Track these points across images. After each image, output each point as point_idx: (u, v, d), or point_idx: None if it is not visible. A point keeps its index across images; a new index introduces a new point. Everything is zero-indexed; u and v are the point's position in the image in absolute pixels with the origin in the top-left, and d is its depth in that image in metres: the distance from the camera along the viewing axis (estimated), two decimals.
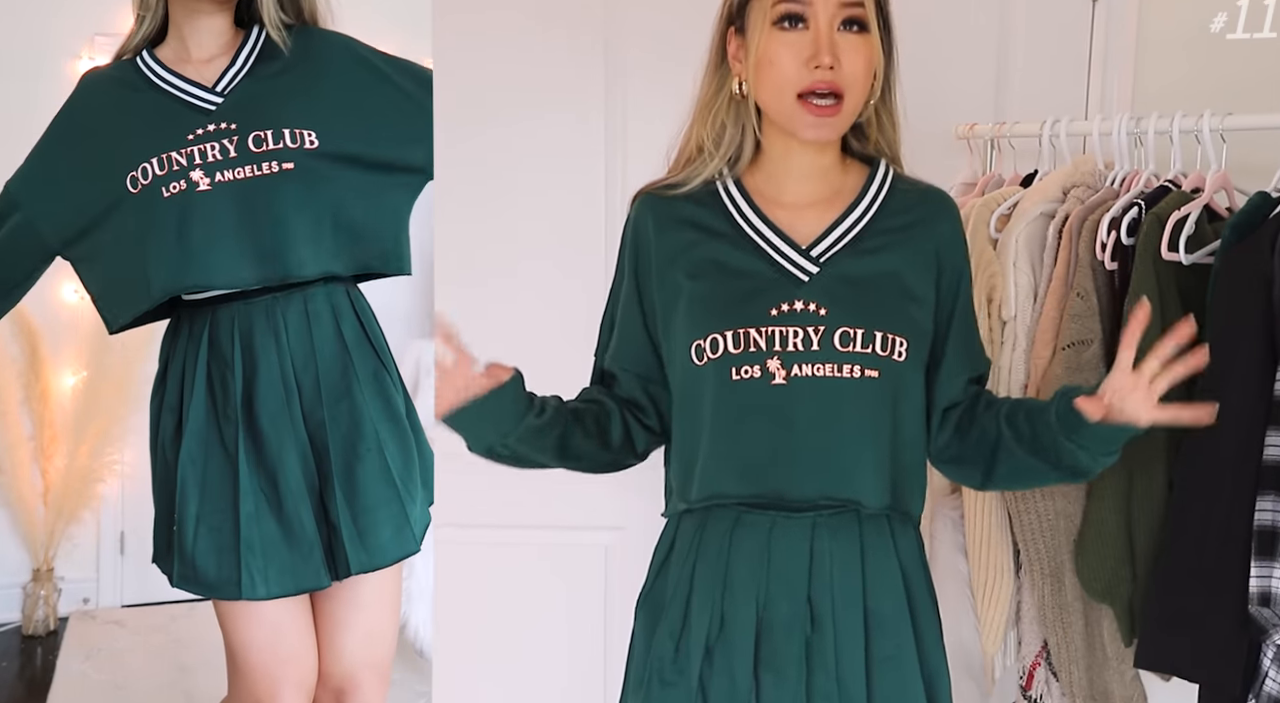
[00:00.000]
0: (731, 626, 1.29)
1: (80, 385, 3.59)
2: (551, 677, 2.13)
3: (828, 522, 1.29)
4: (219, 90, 1.71)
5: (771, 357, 1.25)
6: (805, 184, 1.34)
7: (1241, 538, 1.40)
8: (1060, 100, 2.03)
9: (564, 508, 2.08)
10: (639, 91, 2.02)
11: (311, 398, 1.71)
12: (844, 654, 1.28)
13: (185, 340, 1.72)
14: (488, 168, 2.05)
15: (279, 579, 1.68)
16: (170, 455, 1.72)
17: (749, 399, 1.26)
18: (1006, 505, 1.70)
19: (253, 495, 1.67)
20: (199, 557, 1.68)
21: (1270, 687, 1.38)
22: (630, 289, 1.38)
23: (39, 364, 3.52)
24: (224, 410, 1.69)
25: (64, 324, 3.64)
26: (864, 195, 1.33)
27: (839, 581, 1.29)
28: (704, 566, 1.32)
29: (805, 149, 1.32)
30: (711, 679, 1.29)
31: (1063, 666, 1.68)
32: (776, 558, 1.29)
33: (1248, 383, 1.41)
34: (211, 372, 1.70)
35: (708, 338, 1.27)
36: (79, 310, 3.65)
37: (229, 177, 1.65)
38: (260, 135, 1.67)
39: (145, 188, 1.66)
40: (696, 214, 1.34)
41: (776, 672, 1.28)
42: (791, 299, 1.27)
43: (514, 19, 2.04)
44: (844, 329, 1.26)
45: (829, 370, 1.25)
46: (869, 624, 1.30)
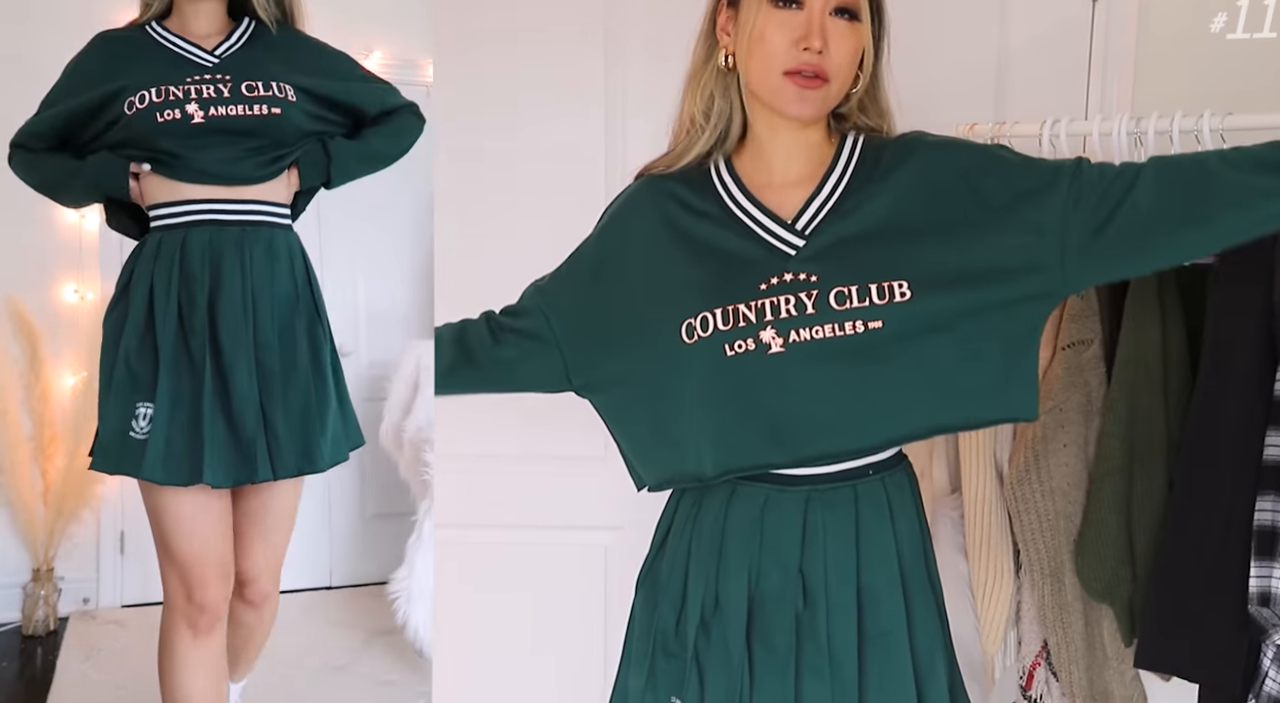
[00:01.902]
0: (725, 599, 1.30)
1: (80, 385, 3.58)
2: (551, 677, 2.13)
3: (823, 496, 1.29)
4: (216, 53, 2.00)
5: (764, 327, 1.25)
6: (791, 162, 1.34)
7: (1241, 538, 1.40)
8: (1060, 100, 2.04)
9: (564, 508, 2.08)
10: (639, 90, 2.02)
11: (264, 322, 1.96)
12: (835, 629, 1.28)
13: (153, 260, 1.94)
14: (487, 167, 2.05)
15: (225, 472, 1.92)
16: (135, 363, 1.94)
17: (747, 373, 1.25)
18: (1006, 506, 1.70)
19: (211, 399, 1.91)
20: (170, 455, 1.91)
21: (1270, 687, 1.38)
22: (594, 261, 1.42)
23: (39, 364, 3.52)
24: (190, 324, 1.92)
25: (64, 324, 3.64)
26: (836, 163, 1.34)
27: (832, 555, 1.29)
28: (699, 540, 1.34)
29: (790, 126, 1.32)
30: (708, 652, 1.30)
31: (1063, 666, 1.68)
32: (769, 531, 1.30)
33: (1248, 383, 1.41)
34: (181, 290, 1.92)
35: (698, 316, 1.27)
36: (79, 310, 3.65)
37: (222, 112, 1.92)
38: (251, 83, 1.96)
39: (140, 111, 1.91)
40: (688, 196, 1.36)
41: (767, 644, 1.28)
42: (780, 272, 1.27)
43: (513, 18, 2.04)
44: (838, 289, 1.25)
45: (829, 331, 1.24)
46: (861, 600, 1.30)
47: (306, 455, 2.00)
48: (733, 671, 1.29)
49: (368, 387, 3.91)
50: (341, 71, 2.13)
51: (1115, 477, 1.58)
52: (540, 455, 2.08)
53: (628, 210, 1.42)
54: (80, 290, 3.67)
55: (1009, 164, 1.31)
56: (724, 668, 1.30)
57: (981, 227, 1.27)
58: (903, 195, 1.30)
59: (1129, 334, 1.57)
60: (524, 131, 2.04)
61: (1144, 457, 1.57)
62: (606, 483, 2.07)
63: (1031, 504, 1.64)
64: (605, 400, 1.42)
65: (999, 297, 1.26)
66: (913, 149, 1.34)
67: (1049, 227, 1.24)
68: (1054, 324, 1.66)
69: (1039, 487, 1.64)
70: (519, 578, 2.11)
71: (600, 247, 1.43)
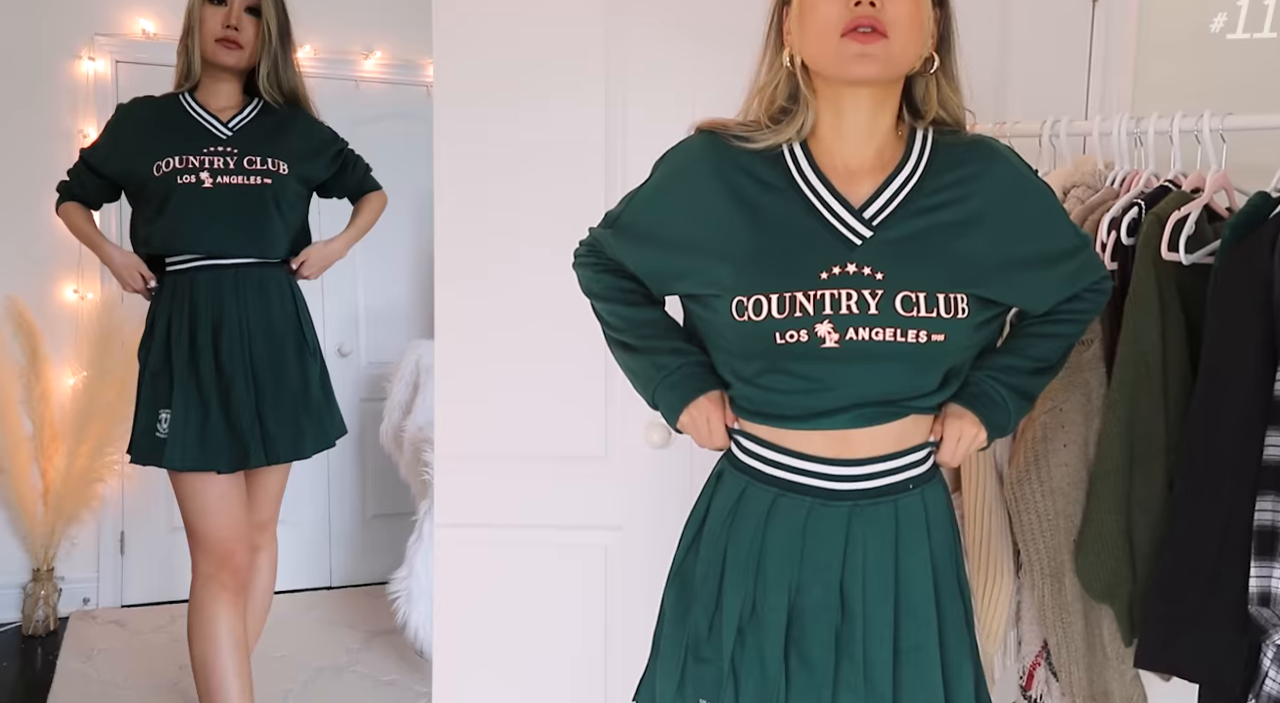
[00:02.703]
0: (764, 610, 1.29)
1: (80, 385, 3.59)
2: (552, 677, 2.13)
3: (864, 511, 1.28)
4: (230, 126, 2.53)
5: (821, 321, 1.22)
6: (860, 148, 1.30)
7: (1241, 538, 1.40)
8: (1060, 100, 2.03)
9: (564, 508, 2.08)
10: (639, 90, 2.02)
11: (258, 345, 2.49)
12: (871, 644, 1.28)
13: (170, 301, 2.49)
14: (487, 162, 2.05)
15: (229, 461, 2.46)
16: (158, 380, 2.47)
17: (794, 358, 1.24)
18: (1006, 506, 1.70)
19: (217, 407, 2.45)
20: (183, 446, 2.42)
21: (1270, 687, 1.37)
22: (662, 215, 1.35)
23: (39, 364, 3.52)
24: (198, 347, 2.45)
25: (64, 324, 3.64)
26: (908, 157, 1.30)
27: (871, 571, 1.28)
28: (736, 548, 1.31)
29: (857, 109, 1.28)
30: (743, 661, 1.29)
31: (1063, 666, 1.68)
32: (810, 544, 1.28)
33: (1248, 383, 1.41)
34: (190, 321, 2.46)
35: (751, 298, 1.24)
36: (79, 310, 3.66)
37: (226, 181, 2.48)
38: (252, 158, 2.51)
39: (165, 174, 2.45)
40: (754, 165, 1.31)
41: (805, 659, 1.27)
42: (844, 262, 1.24)
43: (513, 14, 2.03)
44: (905, 293, 1.23)
45: (890, 335, 1.22)
46: (898, 615, 1.29)
47: (294, 448, 2.56)
48: (768, 682, 1.28)
49: (368, 387, 3.92)
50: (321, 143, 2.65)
51: (1115, 477, 1.58)
52: (540, 455, 2.07)
53: (693, 168, 1.34)
54: (80, 290, 3.67)
55: (1061, 224, 1.37)
56: (759, 679, 1.28)
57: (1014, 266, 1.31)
58: (975, 209, 1.30)
59: (1129, 334, 1.56)
60: (523, 129, 2.04)
61: (1144, 457, 1.57)
62: (606, 483, 2.07)
63: (1031, 504, 1.64)
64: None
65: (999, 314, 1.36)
66: (991, 162, 1.33)
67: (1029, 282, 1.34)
68: None
69: (1039, 487, 1.64)
70: (519, 578, 2.11)
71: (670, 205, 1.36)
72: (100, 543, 3.75)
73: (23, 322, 3.49)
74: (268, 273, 2.53)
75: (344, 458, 3.95)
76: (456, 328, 2.08)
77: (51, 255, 3.62)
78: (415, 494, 3.28)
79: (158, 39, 3.65)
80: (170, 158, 2.45)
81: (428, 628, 2.96)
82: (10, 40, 3.57)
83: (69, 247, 3.58)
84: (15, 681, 3.21)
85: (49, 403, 3.54)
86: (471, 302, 2.07)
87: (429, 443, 3.14)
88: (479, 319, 2.07)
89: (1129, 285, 1.58)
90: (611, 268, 1.44)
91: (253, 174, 2.49)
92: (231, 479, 2.48)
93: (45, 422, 3.53)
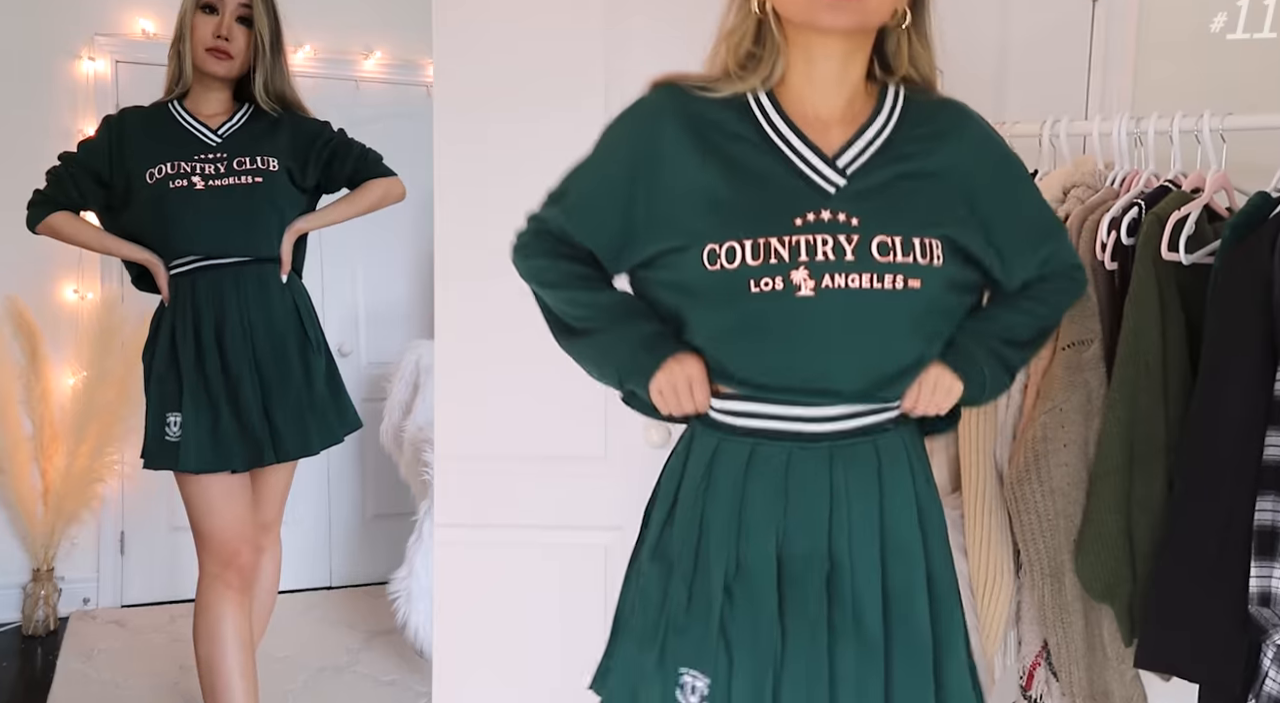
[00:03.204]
0: (751, 564, 1.25)
1: (80, 385, 3.59)
2: (552, 677, 2.13)
3: (844, 451, 1.26)
4: (219, 133, 2.53)
5: (796, 268, 1.19)
6: (830, 98, 1.29)
7: (1241, 538, 1.40)
8: (1060, 99, 2.04)
9: (564, 508, 2.08)
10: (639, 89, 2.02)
11: (262, 343, 2.49)
12: (860, 589, 1.26)
13: (171, 304, 2.49)
14: (487, 165, 2.05)
15: (242, 460, 2.46)
16: (165, 384, 2.46)
17: (770, 312, 1.20)
18: (1006, 506, 1.70)
19: (226, 407, 2.45)
20: (196, 448, 2.42)
21: (1270, 687, 1.38)
22: (623, 172, 1.31)
23: (39, 364, 3.52)
24: (204, 349, 2.46)
25: (64, 324, 3.64)
26: (880, 109, 1.30)
27: (857, 512, 1.26)
28: (715, 506, 1.28)
29: (828, 58, 1.27)
30: (733, 620, 1.25)
31: (1063, 666, 1.68)
32: (794, 489, 1.25)
33: (1248, 383, 1.41)
34: (194, 323, 2.46)
35: (723, 245, 1.21)
36: (79, 310, 3.66)
37: (217, 184, 2.48)
38: (241, 159, 2.50)
39: (158, 180, 2.45)
40: (721, 116, 1.28)
41: (800, 610, 1.25)
42: (818, 209, 1.22)
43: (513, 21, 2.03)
44: (881, 238, 1.20)
45: (866, 281, 1.20)
46: (885, 556, 1.27)
47: (302, 444, 2.56)
48: (762, 637, 1.24)
49: (368, 387, 3.92)
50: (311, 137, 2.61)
51: (1115, 477, 1.58)
52: (540, 455, 2.07)
53: (650, 118, 1.31)
54: (80, 290, 3.67)
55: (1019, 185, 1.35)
56: (751, 636, 1.25)
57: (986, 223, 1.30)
58: (944, 160, 1.29)
59: (1129, 334, 1.56)
60: (523, 130, 2.04)
61: (1144, 457, 1.57)
62: (606, 483, 2.07)
63: (1031, 504, 1.64)
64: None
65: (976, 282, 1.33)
66: (964, 119, 1.33)
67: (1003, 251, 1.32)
68: None
69: (1039, 487, 1.64)
70: (519, 578, 2.11)
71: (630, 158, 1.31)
72: (100, 543, 3.75)
73: (23, 322, 3.49)
74: (267, 270, 2.52)
75: (344, 458, 3.95)
76: (456, 329, 2.07)
77: (51, 255, 3.61)
78: (415, 494, 3.28)
79: (158, 39, 3.65)
80: (162, 165, 2.45)
81: (428, 628, 2.96)
82: (10, 40, 3.57)
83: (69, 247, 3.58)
84: (15, 681, 3.21)
85: (49, 403, 3.54)
86: (471, 303, 2.07)
87: (429, 443, 3.14)
88: (479, 320, 2.07)
89: (1129, 285, 1.58)
90: (565, 253, 1.37)
91: (243, 174, 2.49)
92: (238, 478, 2.49)
93: (45, 422, 3.53)
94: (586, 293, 1.34)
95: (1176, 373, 1.56)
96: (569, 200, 1.37)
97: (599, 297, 1.34)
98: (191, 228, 2.44)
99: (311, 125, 2.63)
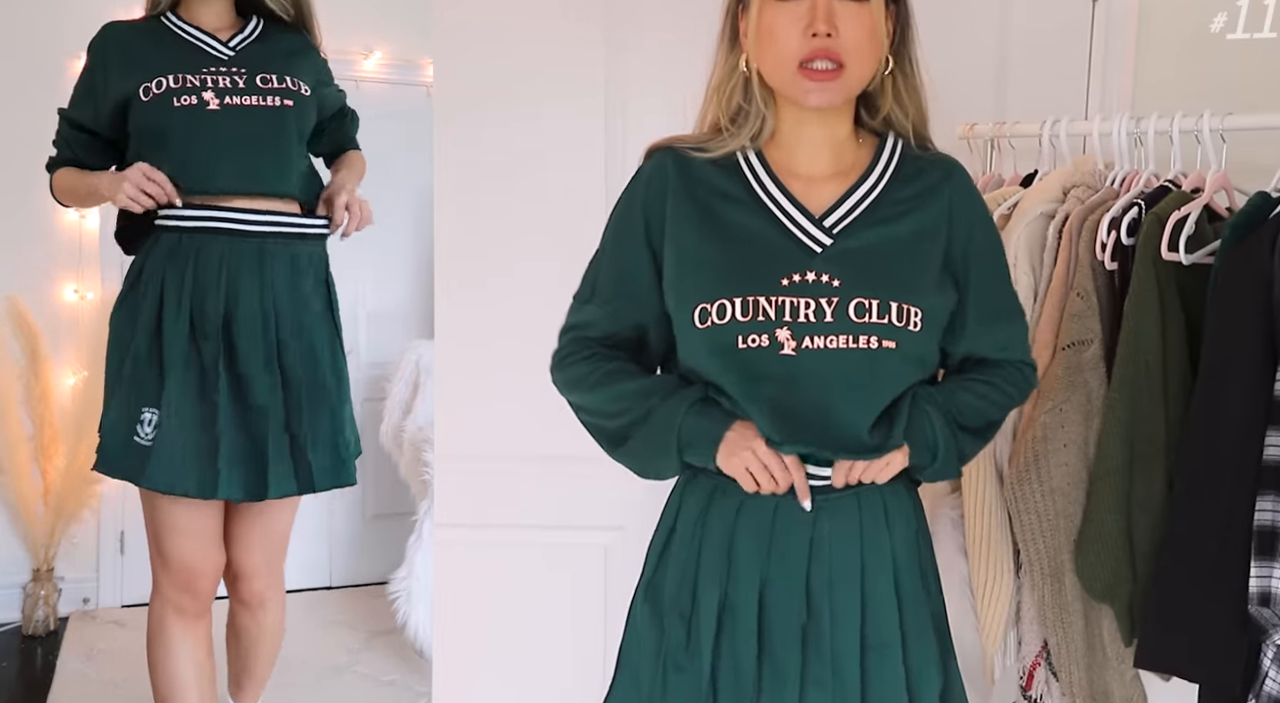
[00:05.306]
0: (736, 607, 1.29)
1: (80, 385, 3.59)
2: (551, 677, 2.13)
3: (830, 505, 1.29)
4: (230, 46, 2.03)
5: (780, 327, 1.24)
6: (819, 157, 1.33)
7: (1241, 538, 1.40)
8: (1060, 100, 2.03)
9: (564, 508, 2.08)
10: (639, 91, 2.02)
11: (288, 338, 1.99)
12: (839, 639, 1.28)
13: (164, 262, 1.93)
14: (487, 168, 2.05)
15: (240, 487, 1.94)
16: (143, 367, 1.93)
17: (756, 367, 1.25)
18: (1006, 506, 1.70)
19: (227, 413, 1.92)
20: (170, 461, 1.91)
21: (1270, 687, 1.37)
22: (641, 240, 1.35)
23: (39, 364, 3.52)
24: (202, 334, 1.92)
25: (64, 324, 3.64)
26: (874, 167, 1.33)
27: (838, 564, 1.29)
28: (708, 547, 1.31)
29: (816, 120, 1.31)
30: (720, 663, 1.30)
31: (1063, 666, 1.68)
32: (778, 538, 1.29)
33: (1248, 383, 1.41)
34: (194, 298, 1.92)
35: (714, 303, 1.26)
36: (79, 310, 3.66)
37: (237, 102, 1.94)
38: (266, 76, 1.99)
39: (157, 97, 1.93)
40: (714, 177, 1.33)
41: (771, 656, 1.28)
42: (803, 270, 1.26)
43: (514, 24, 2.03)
44: (859, 300, 1.25)
45: (843, 342, 1.24)
46: (865, 609, 1.30)
47: (336, 471, 2.06)
48: (741, 683, 1.28)
49: (368, 387, 3.91)
50: (328, 78, 2.23)
51: (1115, 477, 1.58)
52: (540, 455, 2.07)
53: (654, 186, 1.35)
54: (80, 290, 3.67)
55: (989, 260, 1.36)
56: (734, 679, 1.29)
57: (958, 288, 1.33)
58: (927, 222, 1.31)
59: (1129, 334, 1.56)
60: (524, 132, 2.04)
61: (1144, 457, 1.57)
62: (606, 483, 2.06)
63: (1031, 504, 1.64)
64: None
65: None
66: (953, 177, 1.35)
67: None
68: (1054, 324, 1.66)
69: (1039, 487, 1.64)
70: (519, 578, 2.11)
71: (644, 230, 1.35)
72: (100, 543, 3.75)
73: (23, 322, 3.49)
74: (300, 245, 2.03)
75: None
76: (457, 328, 2.07)
77: (51, 255, 3.62)
78: (415, 494, 3.27)
79: None
80: (161, 78, 1.94)
81: (428, 628, 2.96)
82: (10, 40, 3.57)
83: (69, 247, 3.59)
84: (15, 681, 3.21)
85: (49, 403, 3.54)
86: (472, 302, 2.07)
87: (429, 443, 3.14)
88: (479, 319, 2.07)
89: (1129, 285, 1.58)
90: (605, 355, 1.38)
91: (269, 94, 1.99)
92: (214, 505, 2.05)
93: (45, 422, 3.53)
94: (630, 381, 1.34)
95: (1176, 373, 1.56)
96: (603, 295, 1.38)
97: (643, 381, 1.35)
98: (203, 157, 1.93)
99: (327, 68, 2.23)
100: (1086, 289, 1.62)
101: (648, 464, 1.37)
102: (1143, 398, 1.56)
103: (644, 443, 1.33)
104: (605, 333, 1.38)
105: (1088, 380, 1.62)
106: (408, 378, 3.52)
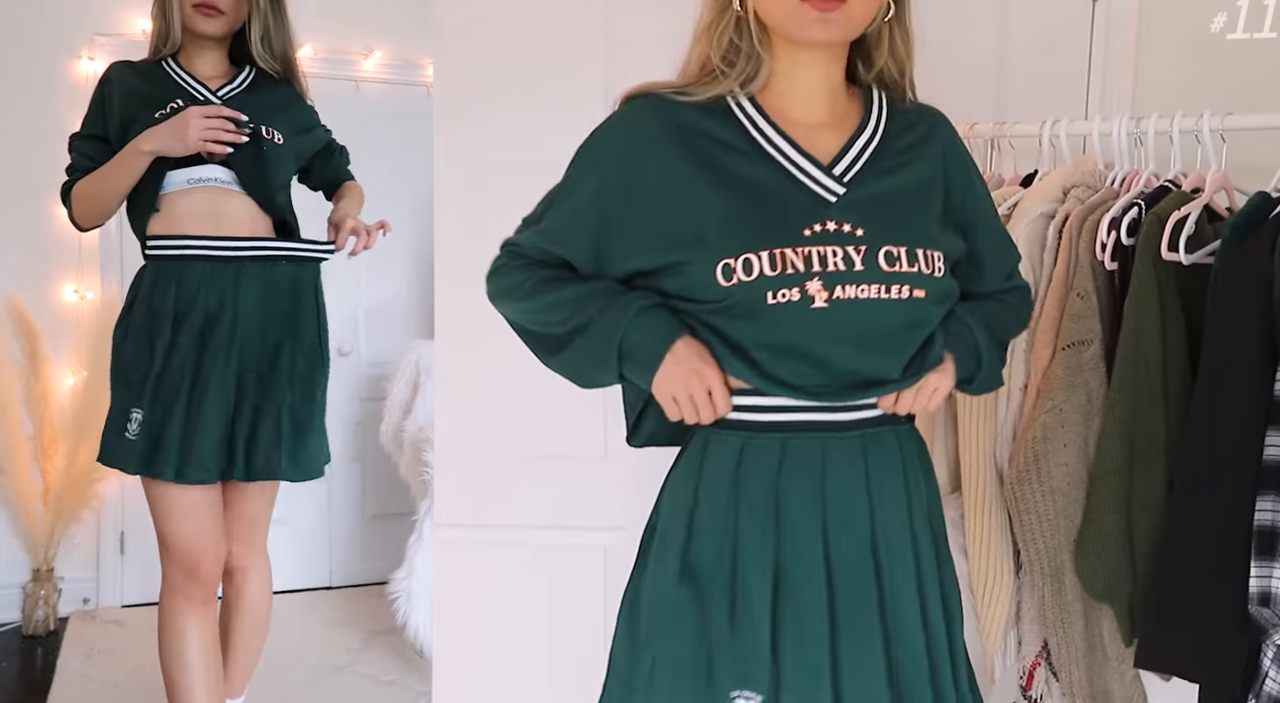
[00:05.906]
0: (793, 573, 1.21)
1: (80, 385, 3.59)
2: (551, 677, 2.13)
3: (875, 439, 1.24)
4: (219, 94, 2.32)
5: (810, 278, 1.17)
6: (816, 103, 1.27)
7: (1241, 538, 1.40)
8: (1060, 100, 2.04)
9: (564, 508, 2.08)
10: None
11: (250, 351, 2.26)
12: (898, 581, 1.24)
13: (152, 287, 2.24)
14: (487, 168, 2.05)
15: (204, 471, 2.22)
16: (131, 373, 2.24)
17: (785, 322, 1.18)
18: (1006, 506, 1.70)
19: (218, 403, 2.22)
20: (147, 451, 2.21)
21: (1270, 687, 1.38)
22: (600, 187, 1.26)
23: (39, 364, 3.52)
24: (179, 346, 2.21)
25: (64, 324, 3.64)
26: (868, 117, 1.29)
27: (889, 504, 1.24)
28: (749, 512, 1.22)
29: (812, 62, 1.25)
30: (782, 629, 1.21)
31: (1063, 666, 1.68)
32: (832, 484, 1.22)
33: (1248, 383, 1.41)
34: (175, 316, 2.22)
35: (739, 258, 1.17)
36: (79, 310, 3.66)
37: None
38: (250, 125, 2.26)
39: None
40: (706, 124, 1.25)
41: (849, 608, 1.21)
42: (823, 219, 1.20)
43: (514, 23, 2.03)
44: (887, 248, 1.20)
45: (875, 292, 1.19)
46: (917, 548, 1.26)
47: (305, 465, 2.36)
48: (809, 646, 1.20)
49: (368, 387, 3.92)
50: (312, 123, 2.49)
51: (1115, 477, 1.58)
52: (540, 455, 2.07)
53: (632, 132, 1.26)
54: (80, 290, 3.67)
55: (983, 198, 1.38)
56: (798, 644, 1.20)
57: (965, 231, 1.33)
58: (928, 169, 1.30)
59: (1129, 334, 1.57)
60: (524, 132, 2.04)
61: (1144, 457, 1.57)
62: (606, 483, 2.07)
63: (1031, 504, 1.64)
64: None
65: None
66: (940, 122, 1.35)
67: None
68: (1054, 324, 1.66)
69: (1039, 487, 1.64)
70: (519, 578, 2.11)
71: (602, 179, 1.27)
72: (100, 543, 3.75)
73: (23, 322, 3.49)
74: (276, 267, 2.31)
75: (344, 458, 3.95)
76: (457, 328, 2.07)
77: (51, 255, 3.62)
78: (415, 494, 3.28)
79: None
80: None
81: (428, 628, 2.96)
82: (10, 40, 3.57)
83: (69, 247, 3.59)
84: (15, 681, 3.21)
85: (49, 403, 3.54)
86: (472, 302, 2.06)
87: (429, 443, 3.14)
88: (479, 320, 2.06)
89: (1129, 285, 1.58)
90: (539, 264, 1.32)
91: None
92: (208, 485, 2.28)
93: (45, 422, 3.53)
94: (567, 288, 1.27)
95: (1176, 373, 1.56)
96: (543, 224, 1.33)
97: (580, 287, 1.27)
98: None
99: (313, 114, 2.48)
100: (1086, 289, 1.62)
101: (586, 375, 1.30)
102: (1143, 398, 1.56)
103: (581, 353, 1.26)
104: (540, 254, 1.32)
105: (1088, 380, 1.62)
106: (408, 378, 3.52)
